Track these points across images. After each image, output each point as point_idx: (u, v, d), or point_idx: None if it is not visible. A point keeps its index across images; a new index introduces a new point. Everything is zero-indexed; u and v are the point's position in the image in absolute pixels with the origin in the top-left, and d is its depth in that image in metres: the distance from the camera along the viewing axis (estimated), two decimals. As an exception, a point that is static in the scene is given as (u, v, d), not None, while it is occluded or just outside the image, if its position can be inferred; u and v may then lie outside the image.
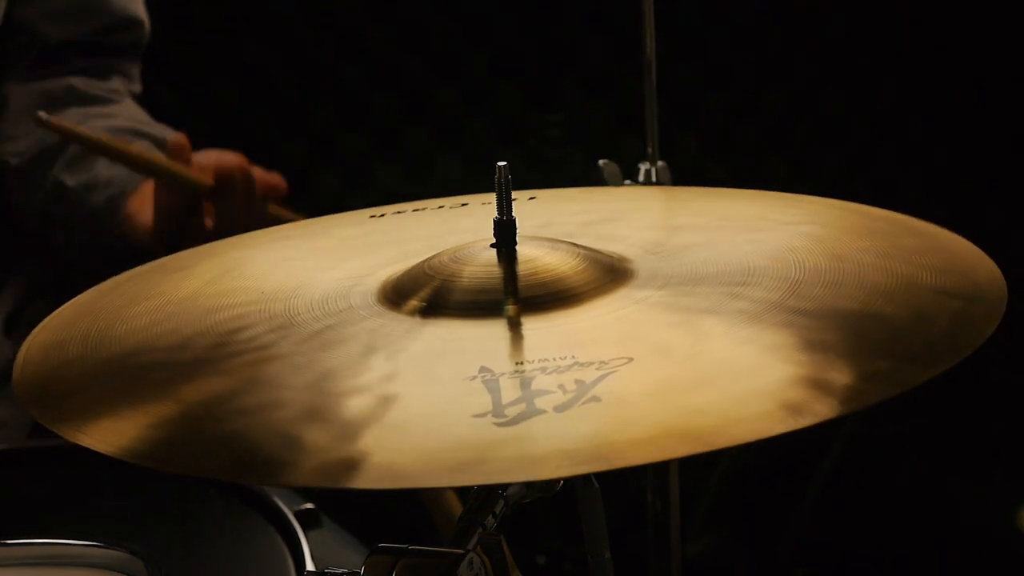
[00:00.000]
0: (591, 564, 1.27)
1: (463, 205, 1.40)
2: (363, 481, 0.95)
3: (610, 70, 2.64)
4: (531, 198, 1.41)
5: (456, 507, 1.84)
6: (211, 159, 1.90)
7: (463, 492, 1.36)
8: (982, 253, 1.17)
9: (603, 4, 2.64)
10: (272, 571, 1.46)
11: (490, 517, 1.10)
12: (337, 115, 2.65)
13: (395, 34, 2.65)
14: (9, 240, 2.00)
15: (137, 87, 2.11)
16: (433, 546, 1.07)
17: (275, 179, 1.98)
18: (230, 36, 2.62)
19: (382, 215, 1.42)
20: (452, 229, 1.30)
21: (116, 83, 2.07)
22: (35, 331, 1.22)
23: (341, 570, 1.13)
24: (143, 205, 1.90)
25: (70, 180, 1.93)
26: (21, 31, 1.99)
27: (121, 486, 1.57)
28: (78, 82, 2.02)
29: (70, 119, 1.96)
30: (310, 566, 1.42)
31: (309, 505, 1.56)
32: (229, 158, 1.90)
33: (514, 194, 1.18)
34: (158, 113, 2.11)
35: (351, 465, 0.96)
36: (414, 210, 1.42)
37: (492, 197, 1.18)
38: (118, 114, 2.02)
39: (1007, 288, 1.11)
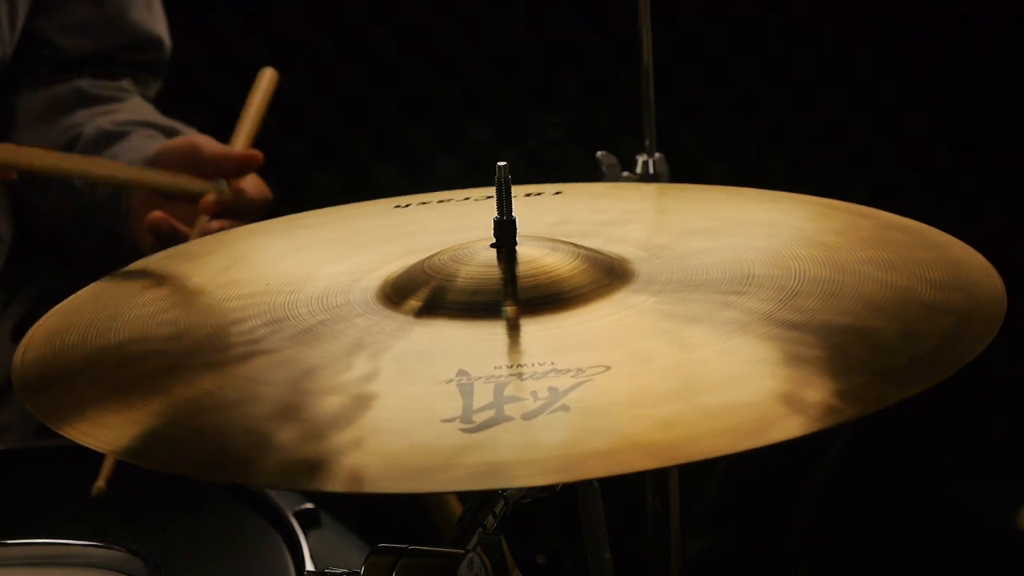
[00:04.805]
0: (591, 564, 1.27)
1: (488, 197, 1.38)
2: (324, 483, 0.94)
3: (610, 70, 2.64)
4: (556, 192, 1.41)
5: (456, 507, 1.84)
6: (255, 186, 1.87)
7: (463, 492, 1.36)
8: (990, 267, 1.15)
9: (603, 4, 2.64)
10: (272, 571, 1.46)
11: (490, 517, 1.10)
12: (337, 115, 2.65)
13: (395, 34, 2.65)
14: (24, 249, 1.99)
15: (151, 94, 2.09)
16: (433, 546, 1.07)
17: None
18: (230, 36, 2.62)
19: (407, 205, 1.41)
20: (473, 224, 1.28)
21: (126, 83, 2.04)
22: (42, 319, 1.21)
23: (341, 570, 1.13)
24: (145, 203, 1.89)
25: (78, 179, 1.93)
26: (38, 43, 1.97)
27: (121, 486, 1.57)
28: (85, 84, 2.00)
29: (77, 119, 1.95)
30: (310, 566, 1.42)
31: (309, 505, 1.56)
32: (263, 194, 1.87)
33: (539, 188, 1.16)
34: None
35: (314, 466, 0.95)
36: (439, 201, 1.41)
37: (518, 189, 1.17)
38: (123, 109, 2.00)
39: (1008, 289, 1.10)
